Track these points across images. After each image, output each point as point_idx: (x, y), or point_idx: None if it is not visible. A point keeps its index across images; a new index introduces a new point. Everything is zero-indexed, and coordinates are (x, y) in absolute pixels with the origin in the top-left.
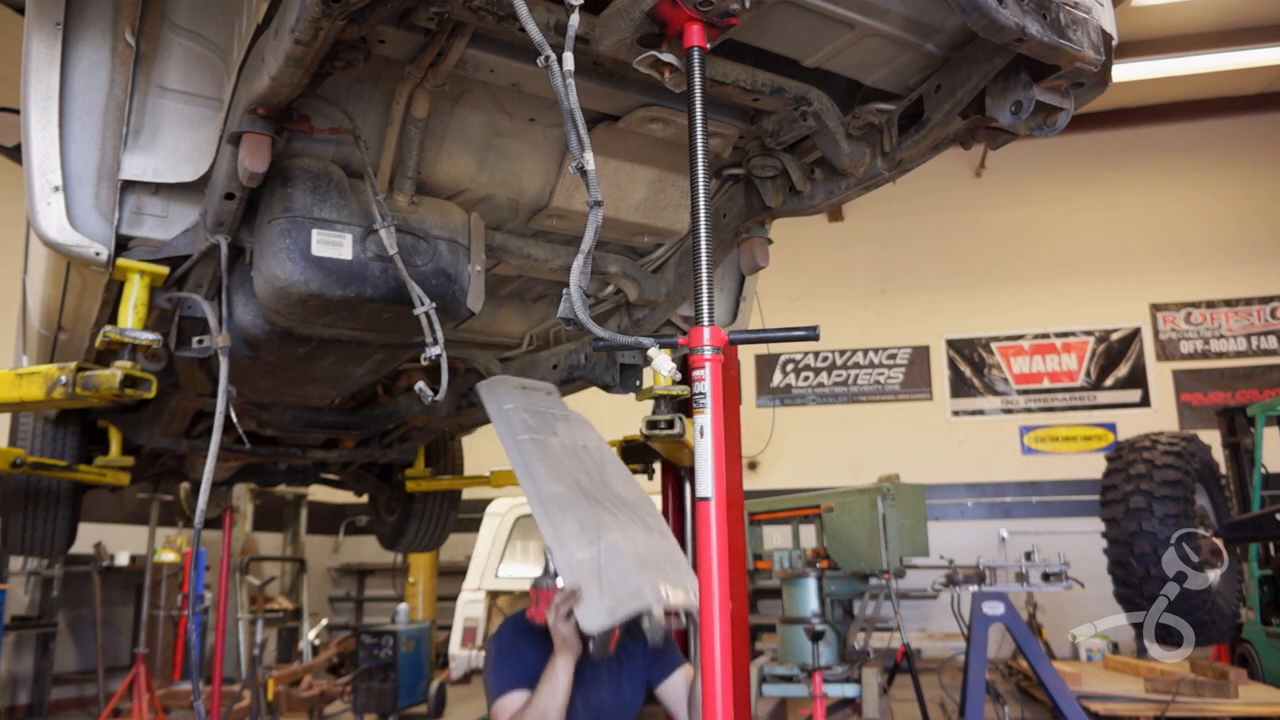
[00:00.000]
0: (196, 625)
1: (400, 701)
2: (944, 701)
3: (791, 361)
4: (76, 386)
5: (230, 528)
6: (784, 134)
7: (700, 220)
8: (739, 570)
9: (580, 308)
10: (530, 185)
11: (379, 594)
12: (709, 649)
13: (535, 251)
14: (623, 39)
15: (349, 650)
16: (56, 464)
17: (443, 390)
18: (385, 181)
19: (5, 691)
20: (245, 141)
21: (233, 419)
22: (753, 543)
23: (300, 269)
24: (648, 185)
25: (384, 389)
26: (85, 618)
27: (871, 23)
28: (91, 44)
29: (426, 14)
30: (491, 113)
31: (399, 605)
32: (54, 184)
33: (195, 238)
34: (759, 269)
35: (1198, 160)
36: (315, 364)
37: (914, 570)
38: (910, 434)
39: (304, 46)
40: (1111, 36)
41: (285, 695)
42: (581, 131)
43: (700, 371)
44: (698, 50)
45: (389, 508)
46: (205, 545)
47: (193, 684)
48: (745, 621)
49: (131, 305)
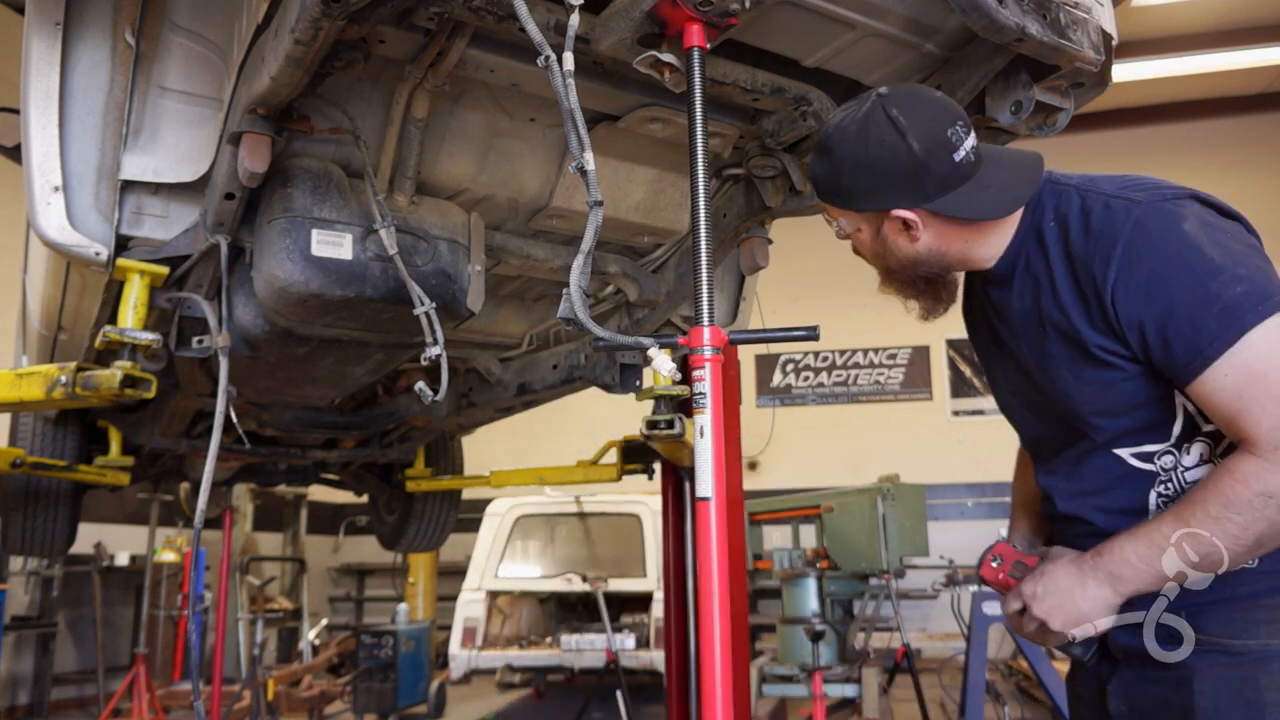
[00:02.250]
0: (196, 625)
1: (400, 701)
2: (944, 701)
3: (791, 361)
4: (76, 386)
5: (230, 528)
6: (784, 134)
7: (700, 220)
8: (739, 570)
9: (580, 308)
10: (530, 185)
11: (379, 594)
12: (709, 649)
13: (535, 251)
14: (623, 39)
15: (349, 650)
16: (56, 464)
17: (443, 390)
18: (385, 181)
19: (5, 691)
20: (245, 141)
21: (233, 419)
22: (753, 543)
23: (300, 269)
24: (648, 185)
25: (384, 389)
26: (85, 618)
27: (871, 23)
28: (91, 44)
29: (426, 14)
30: (491, 113)
31: (399, 605)
32: (54, 184)
33: (195, 238)
34: (759, 269)
35: (1198, 160)
36: (315, 364)
37: (914, 570)
38: (910, 434)
39: (304, 46)
40: (1111, 36)
41: (285, 695)
42: (581, 131)
43: (700, 371)
44: (698, 50)
45: (389, 508)
46: (205, 545)
47: (193, 684)
48: (745, 621)
49: (131, 305)
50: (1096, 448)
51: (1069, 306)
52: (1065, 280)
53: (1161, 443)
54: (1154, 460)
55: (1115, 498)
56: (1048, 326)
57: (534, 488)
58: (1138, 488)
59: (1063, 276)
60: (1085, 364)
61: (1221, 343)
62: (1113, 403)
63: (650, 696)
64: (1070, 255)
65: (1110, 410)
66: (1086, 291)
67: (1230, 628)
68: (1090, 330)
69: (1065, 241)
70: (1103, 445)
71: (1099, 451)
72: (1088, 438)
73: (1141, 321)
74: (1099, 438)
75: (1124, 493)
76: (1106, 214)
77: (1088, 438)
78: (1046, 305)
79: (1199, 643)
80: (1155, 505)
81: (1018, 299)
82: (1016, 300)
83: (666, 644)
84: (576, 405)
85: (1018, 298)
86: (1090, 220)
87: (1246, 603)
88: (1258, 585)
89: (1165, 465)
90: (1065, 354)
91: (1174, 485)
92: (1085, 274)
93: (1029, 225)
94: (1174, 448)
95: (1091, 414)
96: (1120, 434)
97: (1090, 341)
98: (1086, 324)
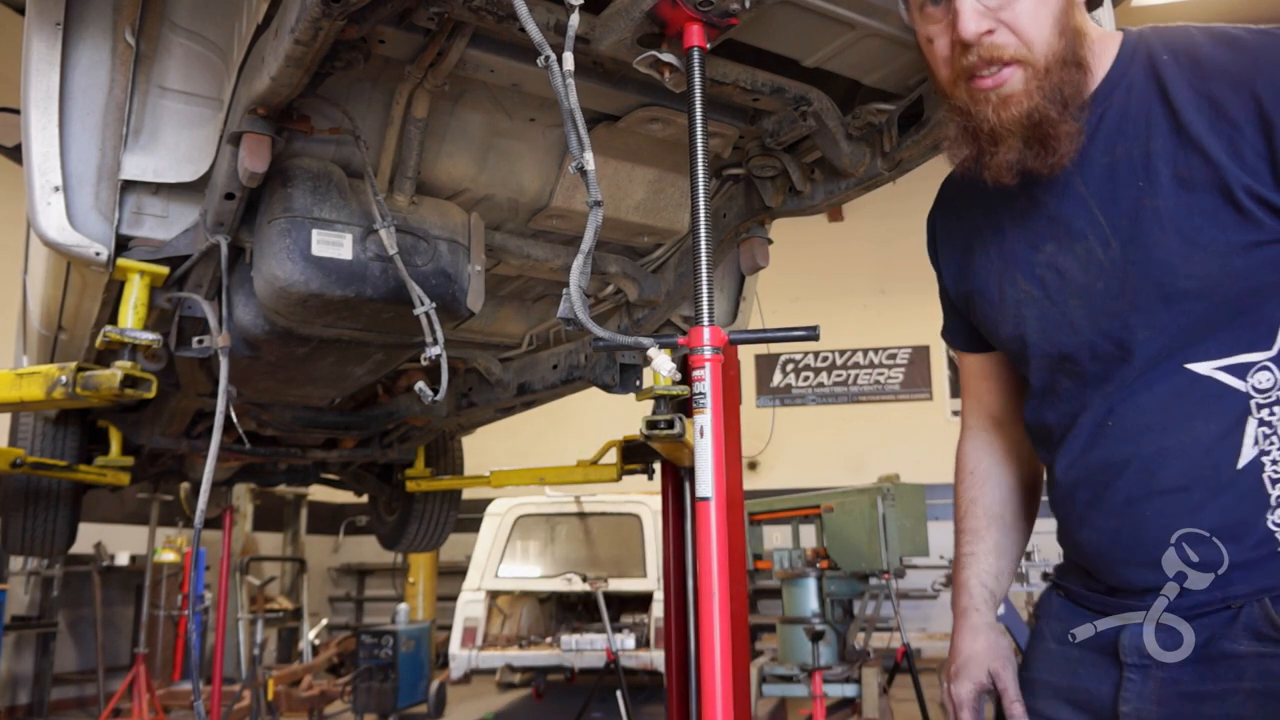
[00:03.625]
0: (196, 625)
1: (400, 701)
2: (944, 701)
3: (791, 361)
4: (76, 386)
5: (230, 528)
6: (784, 134)
7: (700, 220)
8: (739, 570)
9: (580, 308)
10: (530, 185)
11: (379, 594)
12: (709, 649)
13: (535, 251)
14: (623, 39)
15: (349, 650)
16: (56, 464)
17: (443, 390)
18: (385, 181)
19: (5, 691)
20: (245, 141)
21: (233, 419)
22: (753, 543)
23: (300, 269)
24: (648, 185)
25: (384, 389)
26: (85, 618)
27: (872, 23)
28: (91, 44)
29: (426, 14)
30: (491, 113)
31: (399, 605)
32: (54, 184)
33: (195, 238)
34: (759, 269)
35: None
36: (315, 364)
37: (914, 570)
38: (910, 434)
39: (304, 46)
40: None
41: (285, 695)
42: (581, 131)
43: (700, 371)
44: (698, 50)
45: (389, 508)
46: (205, 545)
47: (193, 684)
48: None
49: (131, 305)
50: (1167, 357)
51: (1206, 141)
52: (1199, 111)
53: (1264, 351)
54: (1247, 377)
55: (1189, 433)
56: (1161, 177)
57: (534, 488)
58: (1224, 415)
59: (1194, 108)
60: (1210, 220)
61: None
62: (1227, 279)
63: (650, 696)
64: (1207, 78)
65: (1217, 291)
66: (1238, 118)
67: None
68: (1237, 167)
69: (1197, 68)
70: (1178, 352)
71: (1168, 363)
72: (1161, 340)
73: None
74: (1179, 340)
75: (1203, 424)
76: (1256, 34)
77: (1161, 340)
78: (1163, 148)
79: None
80: (1255, 445)
81: (1104, 151)
82: (1102, 154)
83: (666, 644)
84: (576, 405)
85: (1104, 150)
86: (1235, 39)
87: None
88: None
89: (1261, 385)
90: (1182, 208)
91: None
92: (1238, 96)
93: (1130, 58)
94: (1275, 361)
95: (1189, 296)
96: (1210, 332)
97: (1235, 182)
98: (1233, 158)
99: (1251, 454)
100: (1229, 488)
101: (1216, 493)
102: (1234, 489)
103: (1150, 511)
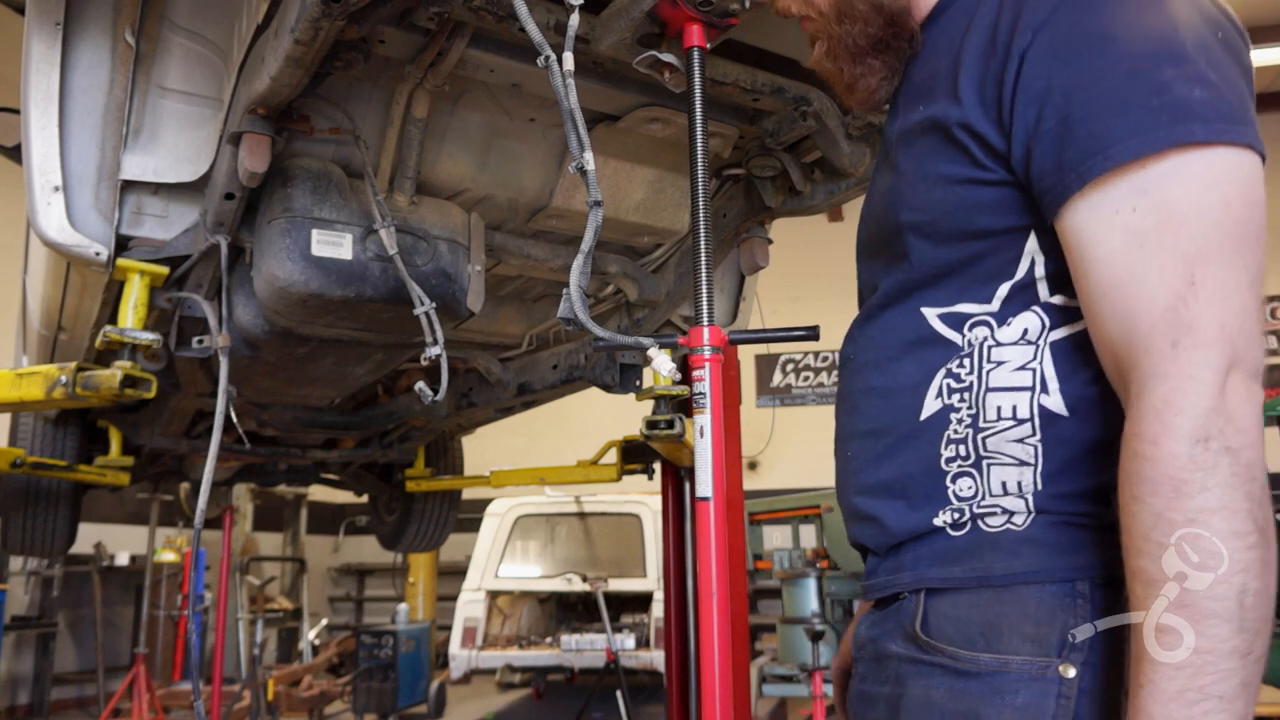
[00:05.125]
0: (196, 625)
1: (400, 701)
2: None
3: (791, 361)
4: (76, 386)
5: (230, 528)
6: (784, 134)
7: (700, 220)
8: (739, 570)
9: (580, 308)
10: (530, 185)
11: (379, 594)
12: (708, 649)
13: (535, 251)
14: (623, 39)
15: (349, 650)
16: (56, 464)
17: (443, 390)
18: (385, 181)
19: (5, 691)
20: (245, 141)
21: (233, 419)
22: (753, 543)
23: (300, 269)
24: (648, 185)
25: (384, 389)
26: (85, 618)
27: None
28: (91, 44)
29: (426, 14)
30: (491, 113)
31: (399, 605)
32: (54, 184)
33: (195, 238)
34: (759, 269)
35: None
36: (315, 364)
37: None
38: None
39: (304, 46)
40: None
41: (285, 695)
42: (581, 131)
43: (700, 371)
44: (698, 50)
45: (389, 508)
46: (205, 545)
47: (193, 684)
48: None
49: (131, 305)
50: (900, 295)
51: (961, 80)
52: (975, 48)
53: (983, 303)
54: (963, 329)
55: (894, 376)
56: (925, 102)
57: (534, 488)
58: (928, 364)
59: (974, 45)
60: (935, 155)
61: (1142, 143)
62: (950, 215)
63: (650, 696)
64: (1000, 12)
65: (939, 227)
66: (991, 60)
67: (964, 630)
68: (953, 105)
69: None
70: (909, 291)
71: (900, 303)
72: (899, 276)
73: (1046, 89)
74: (915, 279)
75: (910, 369)
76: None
77: (899, 276)
78: (935, 80)
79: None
80: (938, 398)
81: (917, 72)
82: (915, 75)
83: (666, 644)
84: (576, 405)
85: (917, 71)
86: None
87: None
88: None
89: (974, 339)
90: (923, 145)
91: (971, 367)
92: (1002, 36)
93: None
94: (994, 316)
95: (916, 230)
96: (937, 274)
97: (951, 119)
98: (964, 96)
99: (934, 406)
100: (911, 439)
101: (901, 443)
102: (915, 441)
103: (850, 453)
